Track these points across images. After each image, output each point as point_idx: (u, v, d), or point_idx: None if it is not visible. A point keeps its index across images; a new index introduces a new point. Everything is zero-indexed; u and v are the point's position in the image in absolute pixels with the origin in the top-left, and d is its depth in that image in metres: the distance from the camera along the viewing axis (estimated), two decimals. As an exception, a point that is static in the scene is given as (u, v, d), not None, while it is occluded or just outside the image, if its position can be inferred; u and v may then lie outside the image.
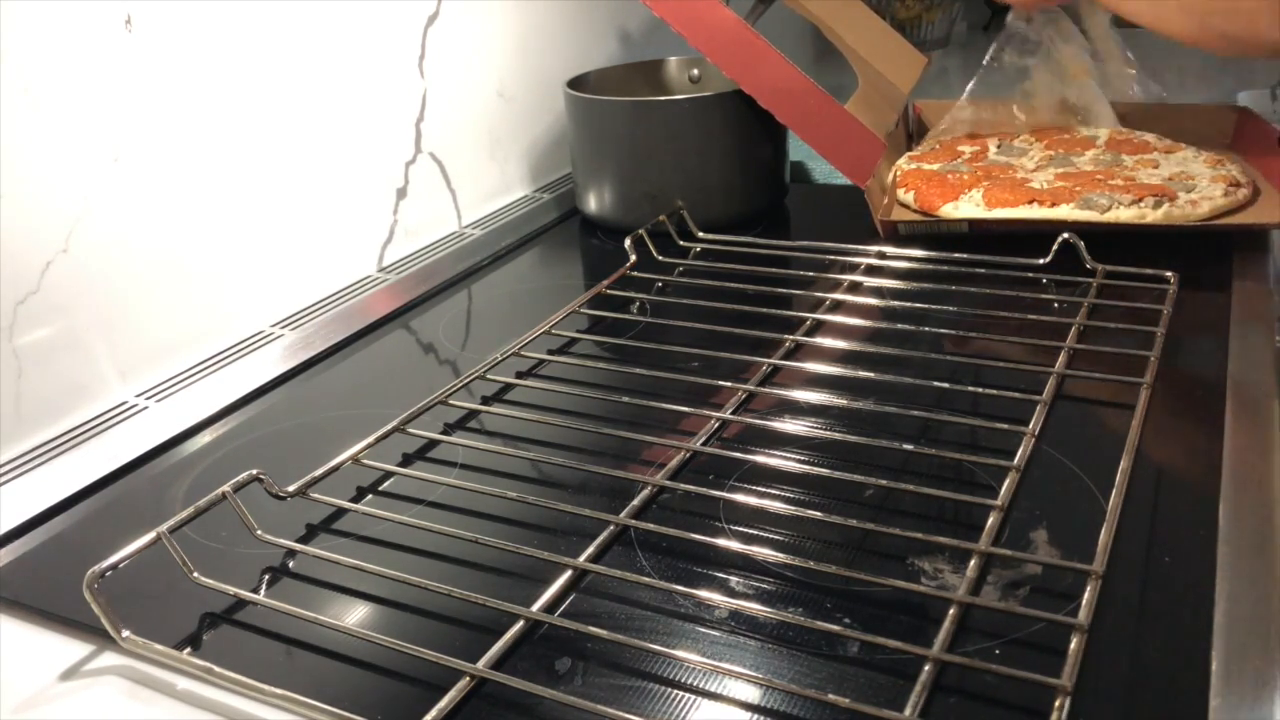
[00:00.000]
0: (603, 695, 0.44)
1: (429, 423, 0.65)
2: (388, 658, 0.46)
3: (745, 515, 0.55)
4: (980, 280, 0.80)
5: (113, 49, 0.69)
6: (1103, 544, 0.49)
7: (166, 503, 0.61)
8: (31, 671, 0.48)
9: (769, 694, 0.43)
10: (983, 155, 1.00)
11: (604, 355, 0.75)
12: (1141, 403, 0.61)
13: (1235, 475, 0.55)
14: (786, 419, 0.64)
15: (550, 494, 0.58)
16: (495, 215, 1.07)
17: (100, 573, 0.48)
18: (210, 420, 0.69)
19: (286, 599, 0.51)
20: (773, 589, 0.49)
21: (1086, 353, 0.68)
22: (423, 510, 0.58)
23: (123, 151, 0.71)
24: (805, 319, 0.76)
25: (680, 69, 1.09)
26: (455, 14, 0.99)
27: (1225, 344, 0.69)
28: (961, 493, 0.55)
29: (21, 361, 0.66)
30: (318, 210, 0.88)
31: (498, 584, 0.51)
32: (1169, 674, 0.43)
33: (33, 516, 0.59)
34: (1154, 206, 0.83)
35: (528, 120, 1.11)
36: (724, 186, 0.96)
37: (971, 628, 0.46)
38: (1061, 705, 0.40)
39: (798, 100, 0.91)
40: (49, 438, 0.68)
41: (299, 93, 0.84)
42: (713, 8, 0.91)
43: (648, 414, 0.66)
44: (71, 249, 0.68)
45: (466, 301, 0.88)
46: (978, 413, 0.63)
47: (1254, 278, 0.78)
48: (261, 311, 0.83)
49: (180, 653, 0.47)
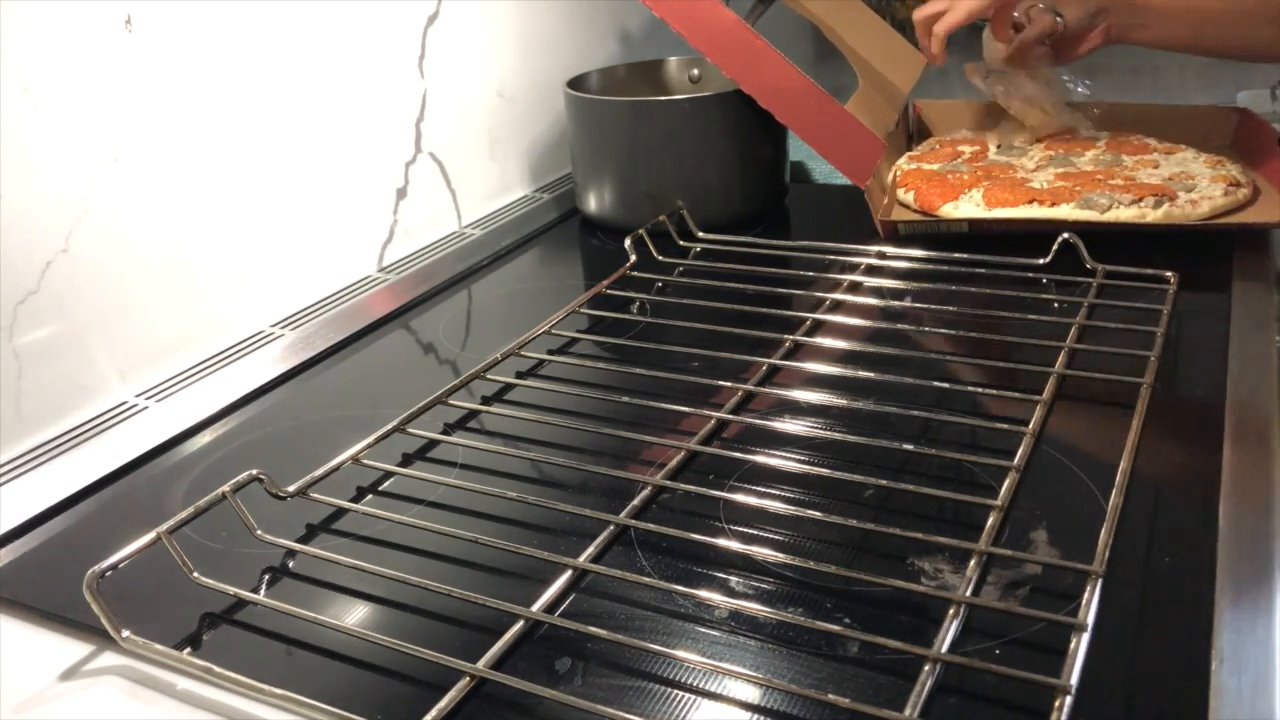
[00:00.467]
0: (603, 695, 0.44)
1: (429, 423, 0.65)
2: (388, 658, 0.46)
3: (745, 515, 0.55)
4: (980, 280, 0.80)
5: (113, 49, 0.69)
6: (1103, 544, 0.49)
7: (166, 503, 0.61)
8: (31, 671, 0.48)
9: (769, 694, 0.43)
10: (982, 155, 1.00)
11: (604, 355, 0.75)
12: (1141, 403, 0.61)
13: (1235, 476, 0.55)
14: (786, 419, 0.64)
15: (550, 494, 0.58)
16: (495, 215, 1.07)
17: (100, 573, 0.48)
18: (210, 420, 0.69)
19: (286, 599, 0.51)
20: (773, 589, 0.49)
21: (1086, 353, 0.68)
22: (423, 510, 0.58)
23: (123, 151, 0.71)
24: (805, 319, 0.76)
25: (680, 69, 1.09)
26: (455, 14, 0.99)
27: (1225, 344, 0.69)
28: (961, 493, 0.55)
29: (21, 361, 0.66)
30: (318, 210, 0.88)
31: (498, 584, 0.51)
32: (1169, 674, 0.43)
33: (33, 516, 0.59)
34: (1154, 206, 0.83)
35: (528, 120, 1.11)
36: (724, 186, 0.96)
37: (971, 628, 0.46)
38: (1061, 705, 0.40)
39: (798, 100, 0.91)
40: (49, 438, 0.68)
41: (299, 93, 0.84)
42: (713, 8, 0.91)
43: (648, 414, 0.66)
44: (71, 249, 0.68)
45: (466, 301, 0.88)
46: (978, 413, 0.63)
47: (1254, 278, 0.78)
48: (261, 311, 0.83)
49: (180, 653, 0.47)
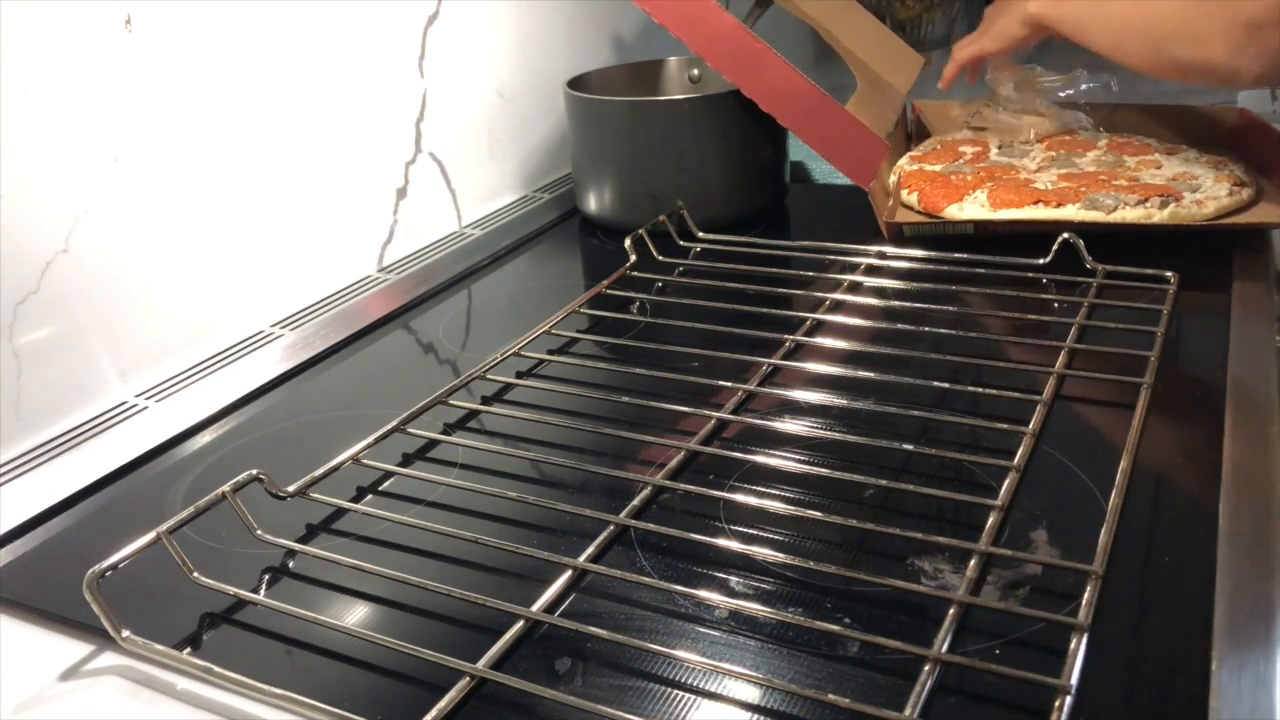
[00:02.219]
0: (603, 695, 0.44)
1: (429, 423, 0.65)
2: (388, 658, 0.46)
3: (745, 515, 0.55)
4: (980, 280, 0.80)
5: (113, 49, 0.69)
6: (1103, 544, 0.49)
7: (166, 503, 0.61)
8: (31, 671, 0.48)
9: (769, 694, 0.43)
10: (984, 156, 1.00)
11: (604, 355, 0.75)
12: (1141, 403, 0.61)
13: (1235, 475, 0.55)
14: (786, 419, 0.64)
15: (550, 494, 0.58)
16: (495, 215, 1.07)
17: (100, 573, 0.48)
18: (210, 420, 0.69)
19: (286, 599, 0.51)
20: (773, 589, 0.49)
21: (1086, 353, 0.68)
22: (423, 510, 0.58)
23: (123, 151, 0.71)
24: (805, 319, 0.75)
25: (680, 69, 1.09)
26: (455, 14, 0.98)
27: (1225, 344, 0.69)
28: (961, 493, 0.55)
29: (21, 361, 0.66)
30: (318, 210, 0.88)
31: (498, 584, 0.51)
32: (1169, 674, 0.43)
33: (33, 516, 0.59)
34: (1160, 206, 0.82)
35: (528, 120, 1.11)
36: (724, 186, 0.96)
37: (971, 628, 0.46)
38: (1061, 705, 0.40)
39: (799, 103, 0.91)
40: (49, 438, 0.68)
41: (299, 93, 0.84)
42: (711, 11, 0.91)
43: (648, 414, 0.66)
44: (71, 249, 0.68)
45: (466, 301, 0.88)
46: (978, 413, 0.63)
47: (1254, 278, 0.78)
48: (261, 311, 0.83)
49: (180, 653, 0.47)
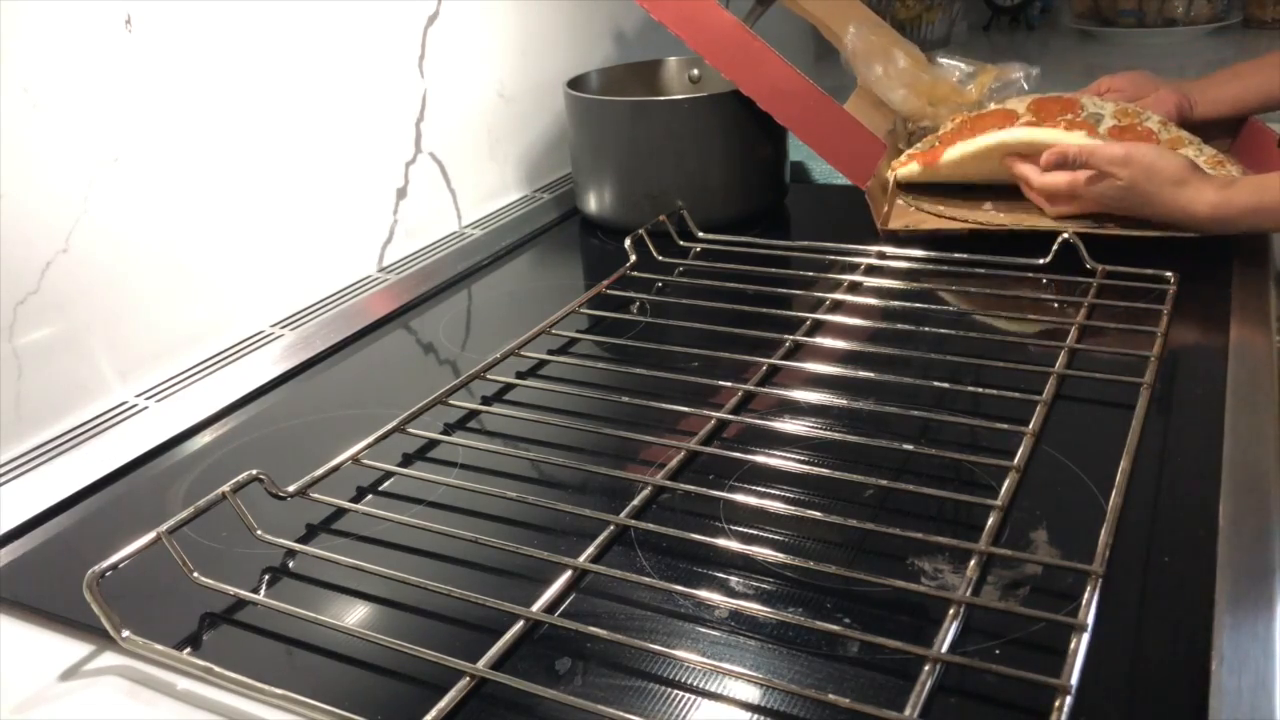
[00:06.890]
0: (603, 695, 0.44)
1: (429, 423, 0.65)
2: (388, 658, 0.46)
3: (745, 515, 0.55)
4: (980, 280, 0.80)
5: (113, 49, 0.69)
6: (1103, 544, 0.49)
7: (166, 503, 0.61)
8: (31, 671, 0.48)
9: (769, 694, 0.43)
10: None
11: (604, 355, 0.75)
12: (1141, 403, 0.61)
13: (1235, 475, 0.55)
14: (786, 419, 0.64)
15: (550, 494, 0.58)
16: (495, 215, 1.07)
17: (100, 573, 0.48)
18: (210, 420, 0.69)
19: (286, 599, 0.51)
20: (773, 589, 0.49)
21: (1086, 353, 0.68)
22: (423, 510, 0.58)
23: (123, 151, 0.71)
24: (805, 319, 0.75)
25: (680, 69, 1.09)
26: (455, 14, 0.98)
27: (1225, 344, 0.69)
28: (961, 493, 0.55)
29: (21, 361, 0.66)
30: (318, 210, 0.87)
31: (498, 584, 0.51)
32: (1169, 674, 0.43)
33: (33, 516, 0.59)
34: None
35: (528, 120, 1.11)
36: (724, 186, 0.96)
37: (971, 628, 0.46)
38: (1061, 705, 0.40)
39: (798, 102, 0.91)
40: (49, 438, 0.68)
41: (299, 93, 0.84)
42: (711, 10, 0.91)
43: (647, 414, 0.66)
44: (71, 249, 0.68)
45: (466, 301, 0.88)
46: (978, 413, 0.63)
47: (1254, 278, 0.78)
48: (261, 311, 0.83)
49: (180, 653, 0.47)
